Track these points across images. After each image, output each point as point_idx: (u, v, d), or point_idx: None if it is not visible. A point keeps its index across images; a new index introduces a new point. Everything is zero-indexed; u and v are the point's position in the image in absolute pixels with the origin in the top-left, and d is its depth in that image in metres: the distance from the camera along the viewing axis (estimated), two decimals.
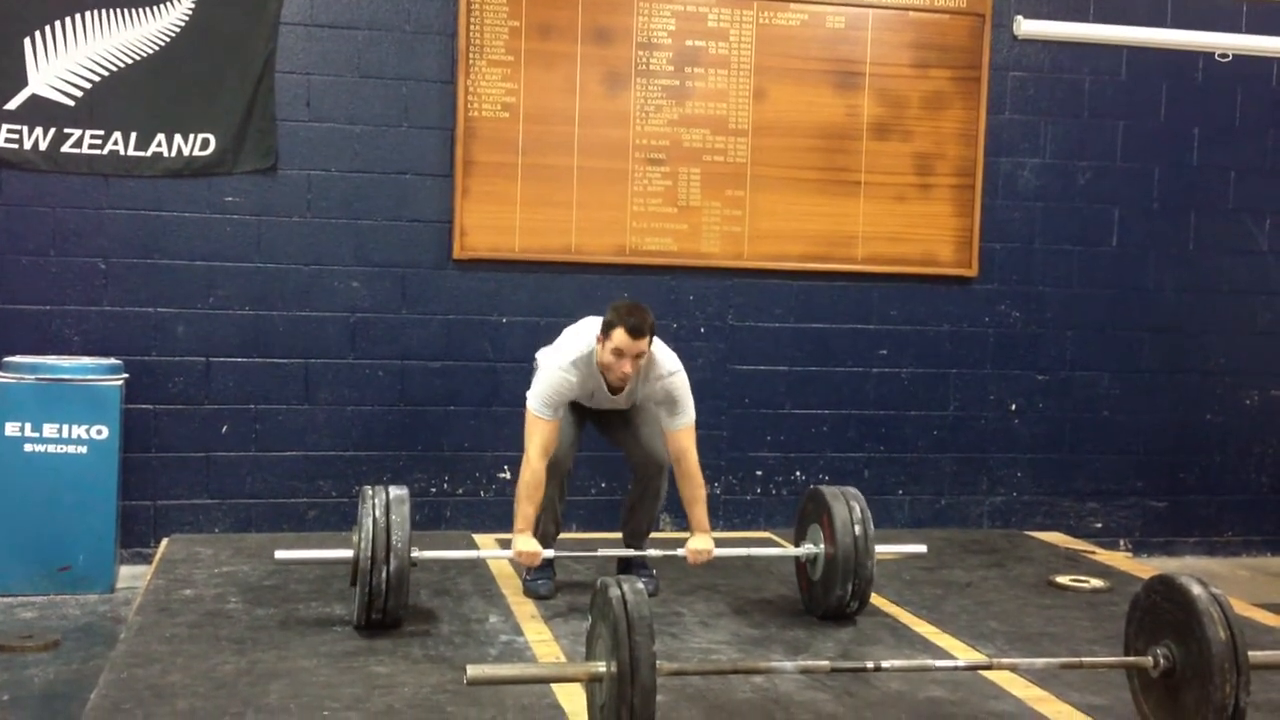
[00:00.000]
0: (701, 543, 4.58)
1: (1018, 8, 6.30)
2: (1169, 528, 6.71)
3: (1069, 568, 5.49)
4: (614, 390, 4.59)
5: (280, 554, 4.34)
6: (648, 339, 4.44)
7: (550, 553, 4.61)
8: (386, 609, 4.12)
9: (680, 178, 6.06)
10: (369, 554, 4.07)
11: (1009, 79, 6.38)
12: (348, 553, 4.21)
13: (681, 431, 4.59)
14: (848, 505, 4.51)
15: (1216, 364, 6.70)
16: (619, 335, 4.38)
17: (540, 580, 4.71)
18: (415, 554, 4.21)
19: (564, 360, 4.54)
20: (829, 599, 4.46)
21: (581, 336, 4.60)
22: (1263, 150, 6.66)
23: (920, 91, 6.25)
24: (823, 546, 4.51)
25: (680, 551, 4.57)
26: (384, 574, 4.08)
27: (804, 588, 4.68)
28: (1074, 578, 5.26)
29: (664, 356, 4.61)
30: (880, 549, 4.50)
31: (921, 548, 4.96)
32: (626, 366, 4.41)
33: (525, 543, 4.44)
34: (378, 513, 4.15)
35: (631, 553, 4.77)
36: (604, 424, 4.87)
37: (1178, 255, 6.62)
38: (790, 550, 4.71)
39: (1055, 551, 5.88)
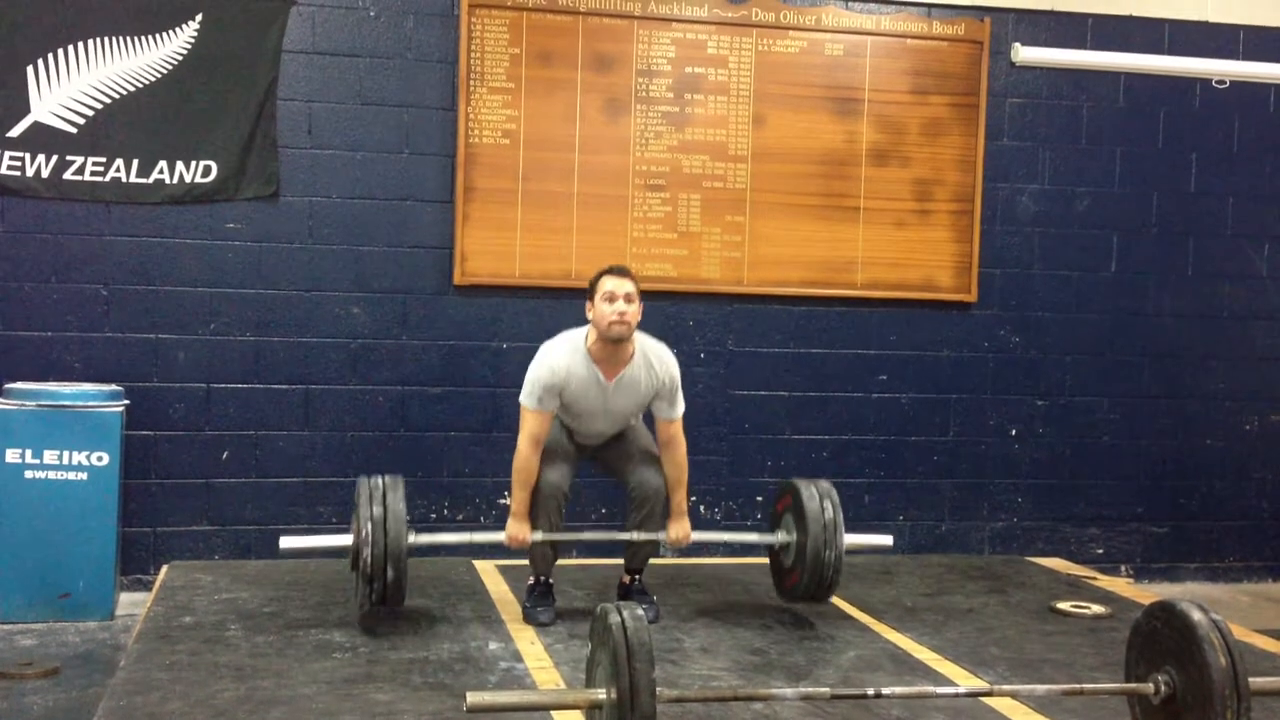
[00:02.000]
0: (680, 529, 4.80)
1: (1015, 35, 6.33)
2: (1170, 553, 6.70)
3: (1070, 594, 5.48)
4: (609, 366, 4.59)
5: (285, 541, 4.58)
6: (632, 282, 4.53)
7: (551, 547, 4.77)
8: (388, 591, 4.30)
9: (680, 203, 6.08)
10: (369, 538, 4.27)
11: (1007, 105, 6.41)
12: (349, 539, 4.43)
13: (677, 420, 4.76)
14: (818, 495, 4.72)
15: (1216, 389, 6.71)
16: (605, 281, 4.50)
17: (540, 608, 4.71)
18: (412, 539, 4.40)
19: (550, 351, 4.64)
20: (799, 585, 4.73)
21: (566, 334, 4.71)
22: (1261, 176, 6.69)
23: (919, 118, 6.28)
24: (794, 535, 4.75)
25: (660, 536, 4.76)
26: (383, 556, 4.27)
27: (777, 574, 4.96)
28: (1075, 604, 5.25)
29: (660, 346, 4.74)
30: (848, 538, 4.73)
31: (888, 539, 5.16)
32: (621, 306, 4.47)
33: (515, 526, 4.63)
34: (375, 499, 4.35)
35: (624, 533, 4.85)
36: (601, 455, 4.89)
37: (1177, 281, 6.64)
38: (765, 538, 4.93)
39: (1056, 577, 5.87)
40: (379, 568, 4.28)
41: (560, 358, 4.58)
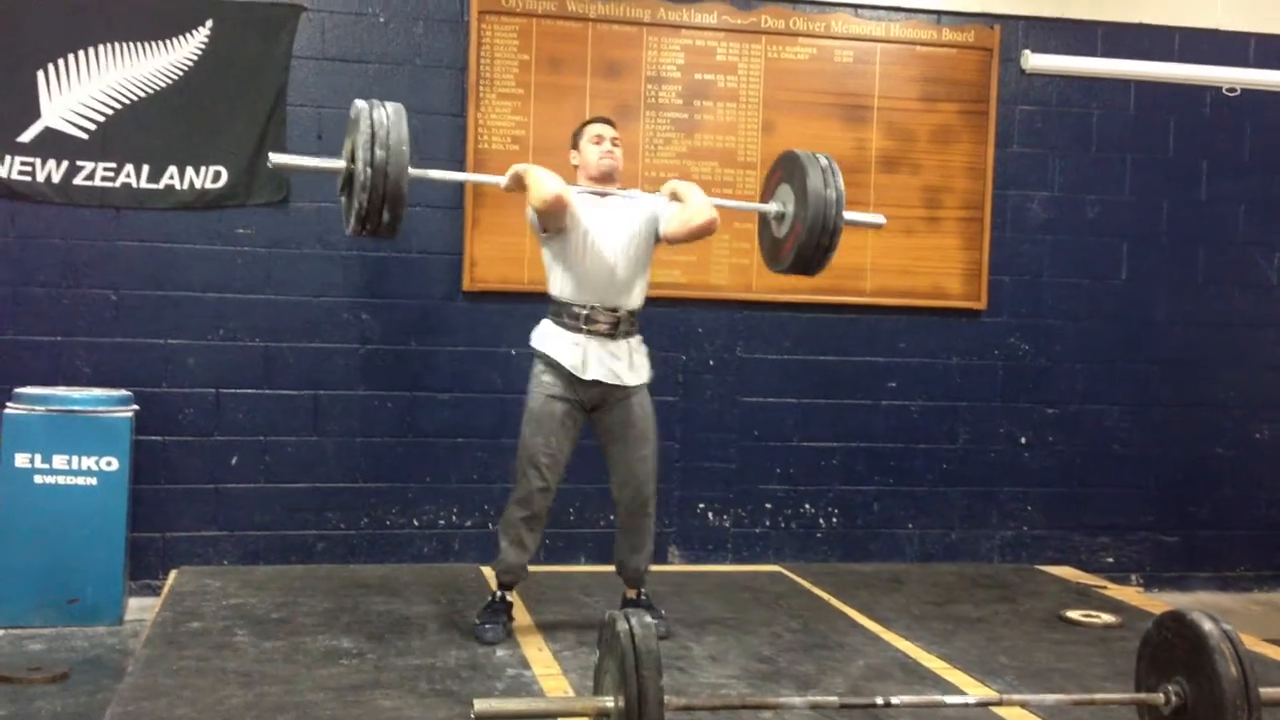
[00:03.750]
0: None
1: (1025, 42, 6.33)
2: (1181, 562, 6.68)
3: (1080, 603, 5.47)
4: (602, 179, 4.63)
5: (275, 157, 4.26)
6: (614, 129, 4.71)
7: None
8: (384, 214, 3.93)
9: None
10: (367, 152, 3.89)
11: (1017, 113, 6.40)
12: (342, 163, 4.10)
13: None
14: (820, 167, 4.41)
15: (1227, 398, 6.69)
16: (591, 126, 4.69)
17: (490, 625, 4.55)
18: (413, 173, 4.02)
19: None
20: (794, 255, 4.46)
21: None
22: (1272, 184, 6.67)
23: (928, 125, 6.27)
24: (792, 206, 4.48)
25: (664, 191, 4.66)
26: (384, 171, 3.88)
27: (765, 244, 4.76)
28: (1085, 613, 5.24)
29: None
30: (846, 216, 4.41)
31: (880, 218, 4.79)
32: (608, 147, 4.63)
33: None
34: (375, 115, 3.96)
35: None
36: (603, 423, 4.64)
37: (1187, 289, 6.62)
38: (760, 206, 4.71)
39: (1066, 586, 5.85)
40: (375, 209, 3.91)
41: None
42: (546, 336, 4.63)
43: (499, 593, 4.66)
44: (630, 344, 4.61)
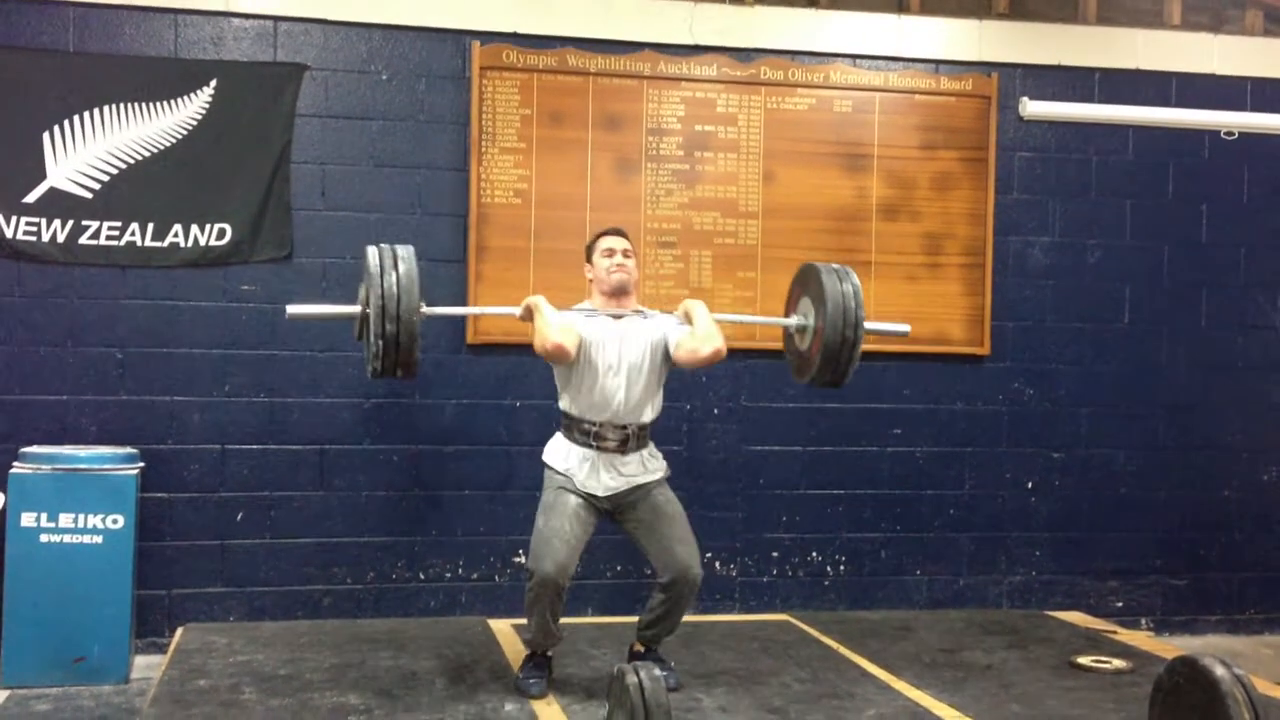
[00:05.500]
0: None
1: (1023, 89, 6.38)
2: (1190, 606, 6.65)
3: (1090, 648, 5.43)
4: (615, 293, 4.66)
5: (292, 309, 4.45)
6: (627, 241, 4.74)
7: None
8: (400, 357, 4.08)
9: (692, 260, 6.10)
10: (380, 304, 4.04)
11: (1016, 159, 6.44)
12: (357, 308, 4.26)
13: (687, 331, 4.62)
14: (839, 280, 4.53)
15: (1233, 440, 6.68)
16: (603, 240, 4.72)
17: (533, 679, 4.55)
18: (424, 310, 4.19)
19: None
20: (820, 369, 4.56)
21: None
22: (1272, 227, 6.69)
23: (928, 172, 6.31)
24: (812, 320, 4.60)
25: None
26: (395, 317, 4.03)
27: (792, 359, 4.86)
28: (1096, 658, 5.21)
29: None
30: (868, 326, 4.57)
31: (905, 328, 4.95)
32: (619, 259, 4.67)
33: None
34: (386, 264, 4.12)
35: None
36: (632, 521, 4.62)
37: (1190, 332, 6.63)
38: (781, 321, 4.87)
39: (1076, 632, 5.82)
40: (390, 342, 4.06)
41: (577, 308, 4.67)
42: (557, 454, 4.63)
43: (538, 650, 4.64)
44: (642, 455, 4.61)
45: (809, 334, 4.63)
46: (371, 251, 4.18)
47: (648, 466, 4.61)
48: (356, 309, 4.26)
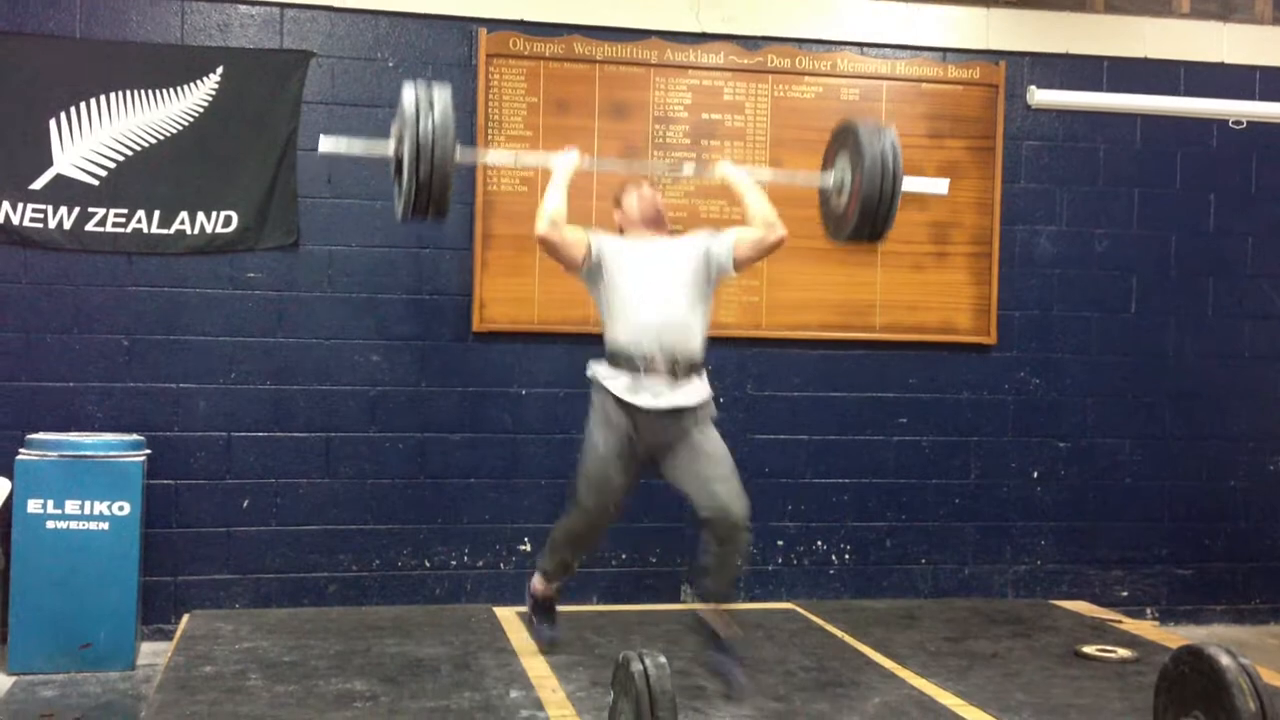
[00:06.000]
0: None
1: (1031, 78, 6.36)
2: (1196, 595, 6.64)
3: (1095, 637, 5.43)
4: (649, 222, 4.66)
5: (325, 140, 4.48)
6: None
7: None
8: (433, 199, 4.06)
9: None
10: (414, 148, 4.01)
11: (1023, 148, 6.42)
12: (391, 145, 4.22)
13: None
14: (878, 137, 4.41)
15: (1239, 430, 6.67)
16: (630, 191, 4.72)
17: (547, 624, 4.78)
18: (459, 155, 4.16)
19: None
20: (859, 225, 4.48)
21: None
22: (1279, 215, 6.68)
23: (935, 161, 6.29)
24: (849, 176, 4.49)
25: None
26: (430, 161, 4.01)
27: (829, 218, 4.78)
28: (1101, 648, 5.20)
29: None
30: (906, 181, 4.46)
31: (944, 186, 4.95)
32: (648, 194, 4.70)
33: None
34: (422, 106, 4.08)
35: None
36: (671, 464, 4.55)
37: (1197, 321, 6.62)
38: (817, 178, 4.78)
39: (1081, 621, 5.82)
40: (424, 186, 4.03)
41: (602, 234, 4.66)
42: (603, 376, 4.59)
43: (540, 590, 4.78)
44: (686, 388, 4.54)
45: (846, 191, 4.51)
46: (407, 92, 4.12)
47: (691, 395, 4.52)
48: (390, 147, 4.20)
